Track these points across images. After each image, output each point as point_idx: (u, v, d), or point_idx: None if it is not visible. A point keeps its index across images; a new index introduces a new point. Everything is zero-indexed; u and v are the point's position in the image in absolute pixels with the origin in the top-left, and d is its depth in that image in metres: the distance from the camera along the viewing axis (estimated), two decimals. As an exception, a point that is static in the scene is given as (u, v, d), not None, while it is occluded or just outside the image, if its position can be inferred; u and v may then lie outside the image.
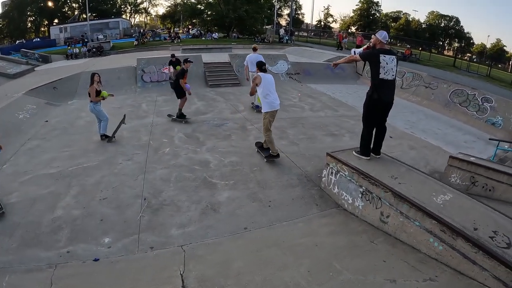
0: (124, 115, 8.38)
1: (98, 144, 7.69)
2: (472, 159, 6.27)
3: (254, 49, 10.78)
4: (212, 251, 4.12)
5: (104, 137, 7.91)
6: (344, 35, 31.83)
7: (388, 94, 4.99)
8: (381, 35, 4.94)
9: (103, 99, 7.83)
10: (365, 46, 5.44)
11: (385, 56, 4.80)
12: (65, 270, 3.87)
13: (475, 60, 32.80)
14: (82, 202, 5.23)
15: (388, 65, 4.81)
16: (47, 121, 9.72)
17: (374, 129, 5.30)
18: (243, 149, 7.28)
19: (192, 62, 9.90)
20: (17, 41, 42.96)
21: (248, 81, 10.80)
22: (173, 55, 13.41)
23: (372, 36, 5.08)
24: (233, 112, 10.41)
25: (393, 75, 4.90)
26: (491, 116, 11.01)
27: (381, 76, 4.83)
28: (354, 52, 5.55)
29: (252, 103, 10.77)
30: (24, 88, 12.25)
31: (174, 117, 9.48)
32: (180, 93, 9.33)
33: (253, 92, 6.72)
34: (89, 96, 7.65)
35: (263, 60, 7.17)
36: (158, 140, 7.87)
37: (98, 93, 7.66)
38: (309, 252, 3.98)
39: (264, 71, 6.58)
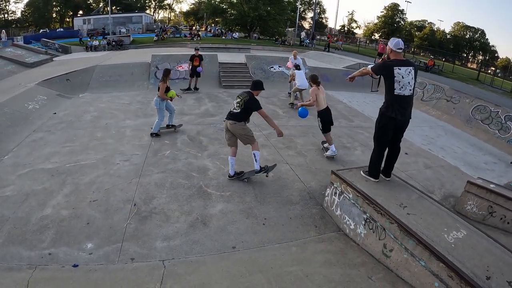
0: (181, 125, 8.67)
1: (99, 141, 7.51)
2: (492, 186, 5.75)
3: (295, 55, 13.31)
4: (193, 271, 3.81)
5: (155, 135, 7.89)
6: (337, 38, 31.88)
7: (404, 112, 4.47)
8: (393, 43, 4.37)
9: (171, 99, 7.97)
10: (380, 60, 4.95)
11: (400, 69, 4.25)
12: (43, 273, 3.73)
13: (499, 75, 31.60)
14: (72, 202, 5.05)
15: (404, 79, 4.28)
16: (55, 113, 9.65)
17: (386, 149, 4.86)
18: (246, 157, 6.87)
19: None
20: (41, 30, 44.00)
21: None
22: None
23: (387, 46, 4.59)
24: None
25: (410, 89, 4.36)
26: (514, 136, 10.39)
27: (396, 91, 4.32)
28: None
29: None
30: (39, 78, 12.33)
31: None
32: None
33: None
34: (158, 90, 7.73)
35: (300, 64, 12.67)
36: (160, 141, 7.61)
37: (167, 90, 7.81)
38: (298, 284, 3.61)
39: (299, 69, 11.50)
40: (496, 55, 65.86)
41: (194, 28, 42.74)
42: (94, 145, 7.32)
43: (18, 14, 55.46)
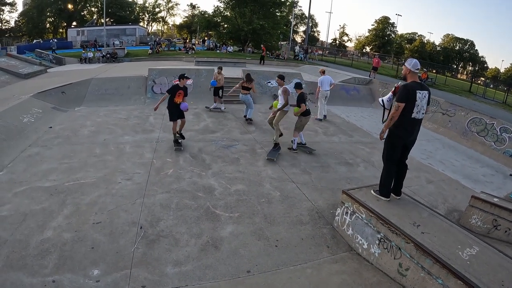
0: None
1: (99, 158, 7.31)
2: (495, 200, 5.86)
3: (323, 72, 12.98)
4: (209, 299, 3.66)
5: (250, 120, 10.79)
6: (311, 49, 32.81)
7: (415, 133, 4.60)
8: (411, 64, 4.42)
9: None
10: (393, 89, 4.89)
11: (420, 93, 4.34)
12: (47, 303, 3.45)
13: (491, 86, 32.22)
14: (74, 225, 4.83)
15: (421, 102, 4.38)
16: (51, 127, 9.43)
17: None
18: (251, 176, 6.82)
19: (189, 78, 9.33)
20: (34, 41, 43.76)
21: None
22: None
23: (403, 66, 4.60)
24: (243, 132, 9.96)
25: (423, 113, 4.48)
26: (510, 147, 10.59)
27: (413, 115, 4.40)
28: (382, 101, 4.96)
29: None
30: (33, 90, 12.08)
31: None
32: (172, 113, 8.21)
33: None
34: (247, 89, 10.87)
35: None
36: (161, 159, 7.43)
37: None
38: (319, 308, 3.50)
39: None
40: (485, 65, 67.44)
41: (188, 41, 42.88)
42: (93, 162, 7.11)
43: (12, 24, 55.26)
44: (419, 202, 5.14)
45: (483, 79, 42.13)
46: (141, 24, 61.54)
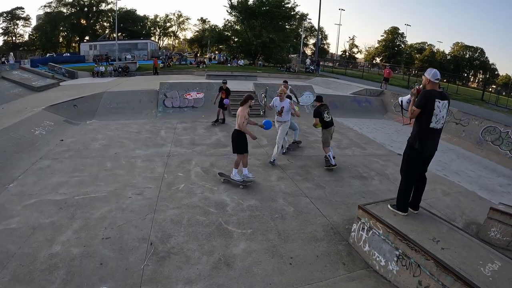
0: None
1: (109, 172, 7.28)
2: None
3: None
4: (221, 321, 3.51)
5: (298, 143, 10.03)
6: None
7: (434, 144, 4.41)
8: (430, 74, 4.29)
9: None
10: (414, 90, 4.74)
11: (439, 102, 4.20)
12: (54, 322, 3.34)
13: (503, 93, 31.64)
14: (83, 240, 4.76)
15: (441, 112, 4.23)
16: (62, 140, 9.52)
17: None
18: (264, 191, 6.66)
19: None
20: (48, 54, 44.90)
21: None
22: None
23: (423, 76, 4.46)
24: (255, 146, 9.69)
25: (442, 123, 4.32)
26: (526, 156, 10.25)
27: (432, 125, 4.24)
28: (401, 101, 4.86)
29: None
30: (45, 103, 12.30)
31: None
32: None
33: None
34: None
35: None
36: (173, 173, 7.33)
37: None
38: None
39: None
40: (496, 72, 66.64)
41: (199, 55, 43.54)
42: (104, 176, 7.08)
43: (26, 38, 57.06)
44: (437, 216, 4.97)
45: (494, 86, 41.61)
46: (153, 38, 62.73)
